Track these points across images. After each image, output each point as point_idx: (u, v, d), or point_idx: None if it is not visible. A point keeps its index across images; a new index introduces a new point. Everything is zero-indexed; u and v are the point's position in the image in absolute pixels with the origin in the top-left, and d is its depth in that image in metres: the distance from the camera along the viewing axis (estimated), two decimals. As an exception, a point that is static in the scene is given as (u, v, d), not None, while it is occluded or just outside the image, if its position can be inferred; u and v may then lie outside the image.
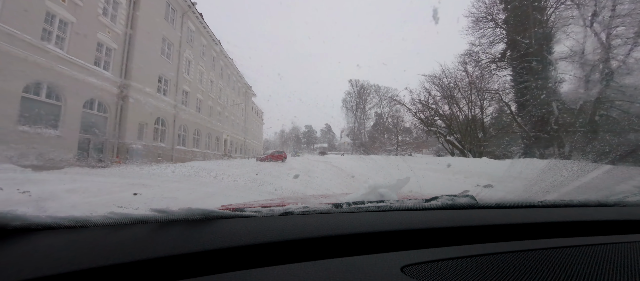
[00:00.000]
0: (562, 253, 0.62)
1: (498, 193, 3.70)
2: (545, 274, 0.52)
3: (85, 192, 4.53)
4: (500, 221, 0.79)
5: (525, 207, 1.00)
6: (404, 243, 0.68)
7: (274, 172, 10.87)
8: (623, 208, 1.02)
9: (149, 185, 5.58)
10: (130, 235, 0.61)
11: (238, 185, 6.40)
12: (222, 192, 5.37)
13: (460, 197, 0.97)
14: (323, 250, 0.62)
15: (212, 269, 0.54)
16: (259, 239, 0.61)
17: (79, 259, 0.50)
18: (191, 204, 0.69)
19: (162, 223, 0.65)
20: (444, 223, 0.76)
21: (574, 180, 2.93)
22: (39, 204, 0.73)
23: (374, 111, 49.88)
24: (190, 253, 0.54)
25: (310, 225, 0.70)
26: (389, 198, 1.02)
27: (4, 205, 0.62)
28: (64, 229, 0.61)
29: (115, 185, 5.42)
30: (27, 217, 0.59)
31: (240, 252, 0.58)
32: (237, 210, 0.78)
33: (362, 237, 0.66)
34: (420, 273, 0.52)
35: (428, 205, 0.93)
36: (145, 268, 0.51)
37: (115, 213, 0.66)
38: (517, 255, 0.60)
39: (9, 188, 3.99)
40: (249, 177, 8.25)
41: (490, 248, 0.64)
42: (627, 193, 1.18)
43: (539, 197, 1.11)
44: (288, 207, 0.82)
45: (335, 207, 0.85)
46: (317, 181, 7.39)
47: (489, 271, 0.53)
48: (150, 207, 0.68)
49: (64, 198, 3.90)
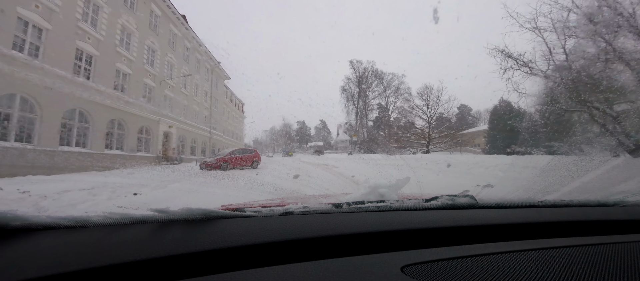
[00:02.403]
0: (562, 253, 0.62)
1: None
2: (545, 274, 0.52)
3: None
4: (501, 221, 0.79)
5: (526, 206, 1.00)
6: (404, 243, 0.68)
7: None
8: (623, 208, 1.02)
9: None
10: (130, 235, 0.60)
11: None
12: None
13: (460, 196, 0.96)
14: (323, 250, 0.62)
15: (212, 269, 0.54)
16: (259, 239, 0.61)
17: (79, 259, 0.50)
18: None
19: (162, 223, 0.65)
20: (444, 223, 0.76)
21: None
22: (39, 204, 0.73)
23: (376, 102, 42.69)
24: (190, 253, 0.55)
25: (310, 225, 0.70)
26: (389, 198, 1.02)
27: (4, 204, 0.61)
28: (64, 229, 0.61)
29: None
30: (27, 217, 0.59)
31: (240, 252, 0.58)
32: (237, 210, 0.78)
33: (362, 237, 0.67)
34: (420, 273, 0.52)
35: (428, 205, 0.94)
36: (145, 268, 0.51)
37: (115, 213, 0.65)
38: (518, 255, 0.60)
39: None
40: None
41: (490, 248, 0.64)
42: (627, 192, 1.18)
43: (539, 197, 1.12)
44: (288, 207, 0.82)
45: (335, 206, 0.85)
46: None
47: (489, 271, 0.53)
48: (150, 207, 0.68)
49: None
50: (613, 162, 6.37)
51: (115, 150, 13.52)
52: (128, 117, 14.30)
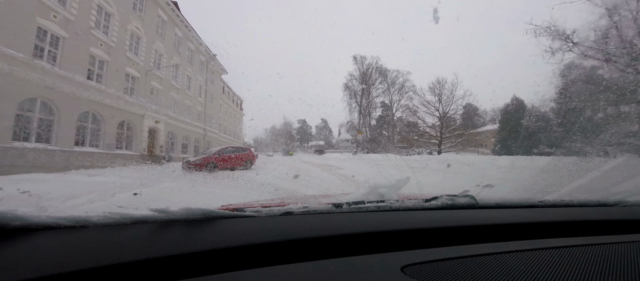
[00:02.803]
0: (562, 253, 0.62)
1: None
2: (545, 274, 0.52)
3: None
4: (501, 221, 0.79)
5: (526, 206, 1.01)
6: (404, 243, 0.68)
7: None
8: (623, 208, 1.03)
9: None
10: (130, 235, 0.60)
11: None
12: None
13: (460, 196, 0.96)
14: (323, 250, 0.62)
15: (212, 269, 0.53)
16: (259, 239, 0.61)
17: (79, 259, 0.50)
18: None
19: (162, 223, 0.65)
20: (444, 223, 0.76)
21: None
22: (39, 204, 0.74)
23: (380, 100, 40.24)
24: (190, 253, 0.54)
25: (310, 225, 0.70)
26: (389, 198, 1.02)
27: (4, 204, 0.61)
28: (64, 229, 0.61)
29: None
30: (27, 217, 0.59)
31: (240, 252, 0.58)
32: (237, 210, 0.78)
33: (362, 237, 0.66)
34: (420, 273, 0.52)
35: (428, 205, 0.94)
36: (145, 268, 0.51)
37: (115, 213, 0.65)
38: (518, 255, 0.60)
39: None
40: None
41: (490, 248, 0.64)
42: (627, 192, 1.17)
43: (539, 197, 1.12)
44: (288, 207, 0.81)
45: (335, 206, 0.85)
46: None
47: (489, 271, 0.53)
48: (150, 207, 0.68)
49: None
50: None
51: (88, 147, 11.87)
52: (104, 110, 12.62)
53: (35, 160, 9.28)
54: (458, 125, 25.32)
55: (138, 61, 15.32)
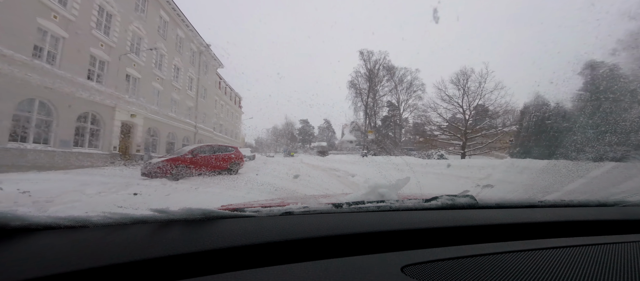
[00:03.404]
0: (562, 253, 0.62)
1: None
2: (545, 274, 0.52)
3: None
4: (500, 221, 0.79)
5: (526, 206, 1.01)
6: (404, 243, 0.68)
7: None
8: (623, 208, 1.03)
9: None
10: (130, 235, 0.60)
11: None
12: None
13: (460, 196, 0.96)
14: (323, 250, 0.62)
15: (212, 269, 0.54)
16: (259, 239, 0.61)
17: (79, 259, 0.50)
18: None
19: (162, 223, 0.65)
20: (444, 223, 0.76)
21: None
22: (39, 204, 0.71)
23: (386, 99, 36.97)
24: (190, 253, 0.54)
25: (310, 225, 0.70)
26: (389, 198, 1.02)
27: (4, 204, 0.58)
28: (64, 229, 0.61)
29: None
30: (27, 217, 0.59)
31: (240, 252, 0.58)
32: (237, 210, 0.78)
33: (362, 237, 0.66)
34: (420, 273, 0.52)
35: (428, 205, 0.94)
36: (145, 268, 0.51)
37: (115, 213, 0.65)
38: (517, 255, 0.60)
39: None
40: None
41: (490, 248, 0.64)
42: (627, 193, 1.17)
43: (539, 197, 1.12)
44: (288, 207, 0.82)
45: (335, 206, 0.85)
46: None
47: (489, 271, 0.53)
48: (150, 207, 0.67)
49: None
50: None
51: (32, 143, 9.41)
52: (58, 98, 10.17)
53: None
54: (484, 124, 22.05)
55: (108, 42, 12.75)
